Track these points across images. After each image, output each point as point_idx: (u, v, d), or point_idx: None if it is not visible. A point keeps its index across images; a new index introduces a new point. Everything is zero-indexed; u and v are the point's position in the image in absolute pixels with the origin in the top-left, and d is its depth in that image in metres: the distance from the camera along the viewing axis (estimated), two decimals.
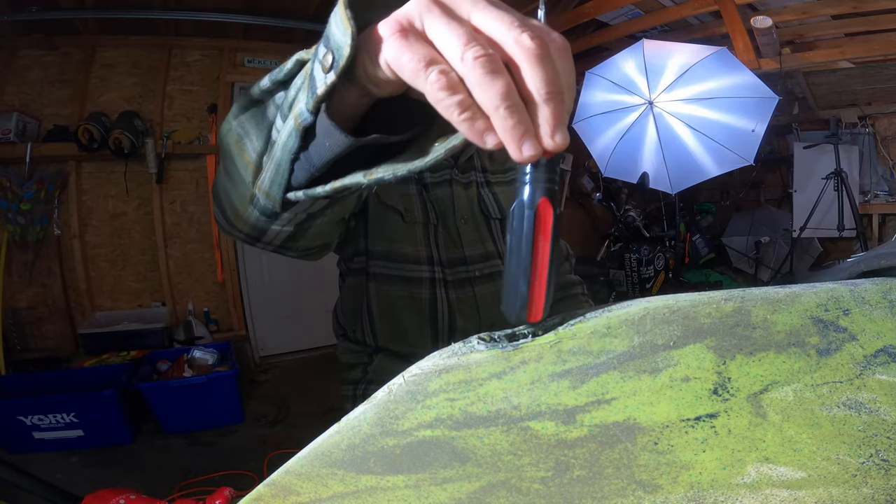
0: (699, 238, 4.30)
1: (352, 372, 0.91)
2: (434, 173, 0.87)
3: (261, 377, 3.27)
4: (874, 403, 0.29)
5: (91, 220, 3.10)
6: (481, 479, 0.27)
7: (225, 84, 3.28)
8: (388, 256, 0.84)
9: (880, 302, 0.33)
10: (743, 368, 0.30)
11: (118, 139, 2.88)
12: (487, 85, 0.28)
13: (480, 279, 0.87)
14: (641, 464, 0.27)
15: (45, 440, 2.21)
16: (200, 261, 3.34)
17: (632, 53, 3.19)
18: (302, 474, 0.28)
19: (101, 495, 0.67)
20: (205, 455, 2.27)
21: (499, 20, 0.29)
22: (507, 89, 0.28)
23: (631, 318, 0.32)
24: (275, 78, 0.41)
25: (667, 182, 3.23)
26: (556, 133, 0.29)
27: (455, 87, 0.29)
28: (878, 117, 3.75)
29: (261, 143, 0.43)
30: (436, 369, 0.30)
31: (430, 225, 0.85)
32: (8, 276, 2.78)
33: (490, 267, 0.88)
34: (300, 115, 0.37)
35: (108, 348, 2.76)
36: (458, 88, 0.29)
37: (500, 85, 0.28)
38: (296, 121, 0.37)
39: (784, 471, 0.27)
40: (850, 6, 2.71)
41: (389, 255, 0.84)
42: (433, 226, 0.85)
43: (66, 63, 2.96)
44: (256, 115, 0.44)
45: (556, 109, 0.29)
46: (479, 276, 0.87)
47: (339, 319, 0.94)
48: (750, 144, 2.93)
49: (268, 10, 2.98)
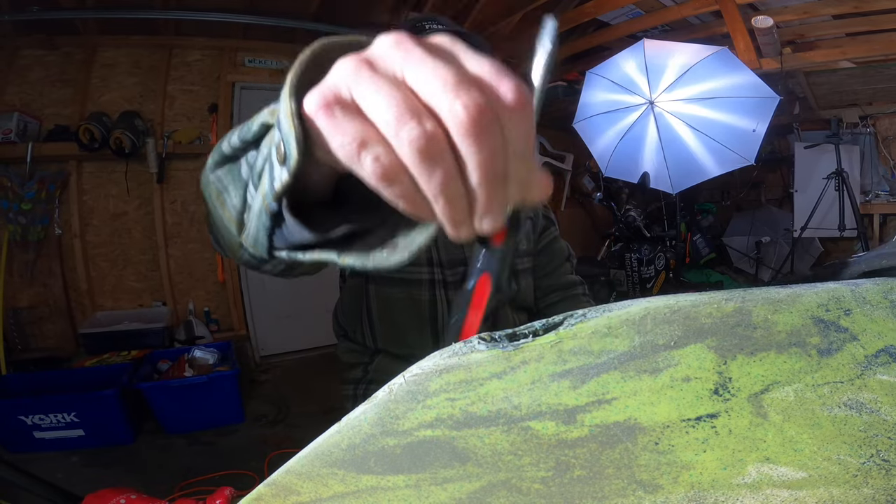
0: (700, 238, 4.30)
1: (352, 371, 0.91)
2: None
3: (261, 377, 3.27)
4: (875, 404, 0.29)
5: (92, 219, 3.10)
6: (482, 478, 0.27)
7: (226, 84, 3.28)
8: None
9: (881, 302, 0.33)
10: (744, 368, 0.30)
11: (119, 139, 2.88)
12: (426, 175, 0.25)
13: None
14: (642, 464, 0.27)
15: (45, 440, 2.21)
16: (201, 260, 3.34)
17: (632, 53, 3.19)
18: (302, 474, 0.28)
19: (101, 495, 0.67)
20: (205, 455, 2.27)
21: (432, 80, 0.25)
22: (445, 180, 0.25)
23: (632, 318, 0.32)
24: (244, 137, 0.39)
25: (667, 182, 3.24)
26: (486, 219, 0.27)
27: (392, 176, 0.26)
28: (878, 117, 3.75)
29: (239, 201, 0.42)
30: (436, 369, 0.30)
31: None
32: (9, 275, 2.78)
33: None
34: (266, 198, 0.35)
35: (108, 348, 2.77)
36: (395, 177, 0.26)
37: (438, 175, 0.25)
38: (263, 201, 0.35)
39: (785, 471, 0.27)
40: (851, 6, 2.71)
41: None
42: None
43: (67, 63, 2.96)
44: (233, 171, 0.42)
45: (488, 196, 0.26)
46: None
47: (339, 320, 0.94)
48: (751, 144, 2.93)
49: (268, 9, 2.98)
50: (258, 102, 0.40)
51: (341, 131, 0.26)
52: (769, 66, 3.13)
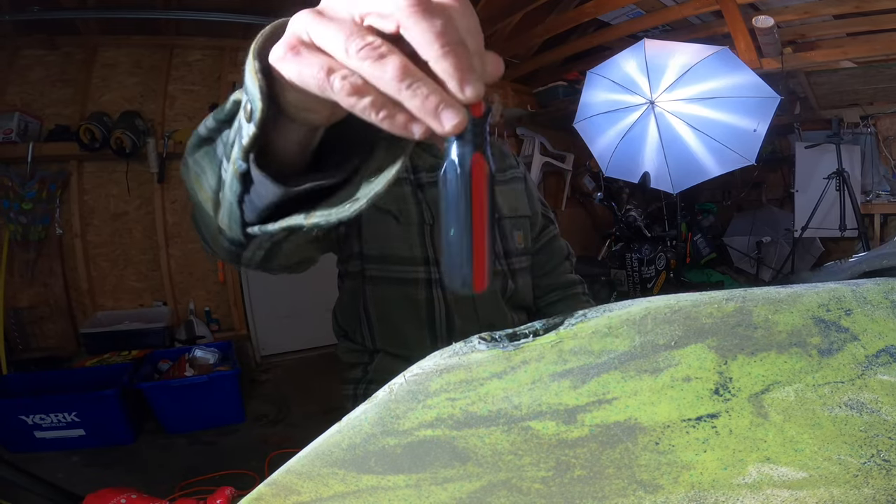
0: (700, 238, 4.29)
1: (352, 371, 0.91)
2: (430, 173, 0.87)
3: (262, 377, 3.27)
4: (876, 404, 0.29)
5: (92, 219, 3.10)
6: (482, 478, 0.27)
7: (226, 84, 3.28)
8: (383, 259, 0.84)
9: (882, 302, 0.33)
10: (744, 368, 0.30)
11: (120, 139, 2.88)
12: (379, 73, 0.26)
13: None
14: (642, 464, 0.27)
15: (46, 439, 2.21)
16: (202, 260, 3.34)
17: (633, 53, 3.19)
18: (303, 474, 0.28)
19: (102, 495, 0.68)
20: (206, 454, 2.27)
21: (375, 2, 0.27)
22: (398, 68, 0.26)
23: (632, 318, 0.32)
24: (218, 117, 0.41)
25: (668, 182, 3.23)
26: (465, 86, 0.26)
27: (361, 90, 0.27)
28: (879, 117, 3.75)
29: (214, 180, 0.43)
30: (437, 369, 0.30)
31: (425, 225, 0.84)
32: (9, 275, 2.78)
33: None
34: (236, 161, 0.36)
35: (109, 348, 2.77)
36: (364, 90, 0.27)
37: (390, 67, 0.26)
38: (234, 166, 0.37)
39: (785, 471, 0.27)
40: (852, 6, 2.71)
41: (384, 258, 0.84)
42: (428, 226, 0.84)
43: (68, 63, 2.96)
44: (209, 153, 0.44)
45: (456, 61, 0.26)
46: None
47: (338, 320, 0.94)
48: (751, 144, 2.93)
49: (268, 9, 2.98)
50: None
51: (308, 64, 0.28)
52: (770, 65, 3.13)
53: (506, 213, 0.93)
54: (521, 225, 0.95)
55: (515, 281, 0.91)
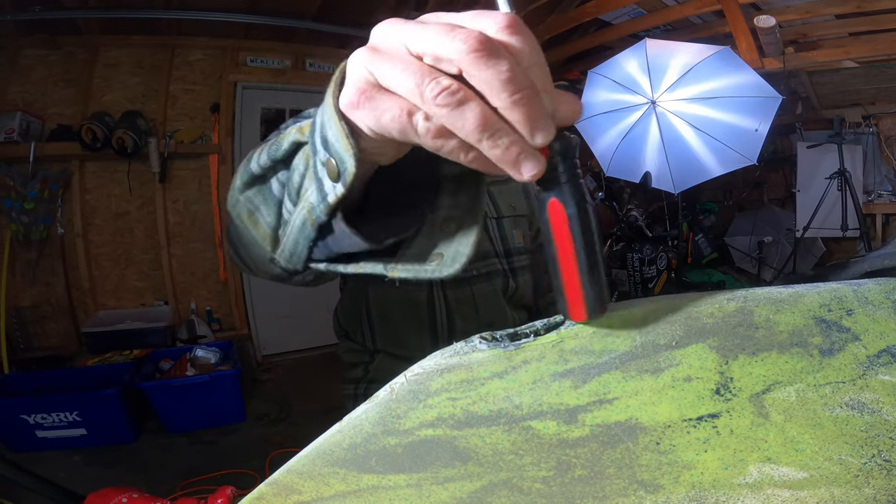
0: (702, 238, 4.29)
1: (353, 371, 0.91)
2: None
3: (263, 376, 3.27)
4: (877, 404, 0.28)
5: (94, 219, 3.11)
6: (483, 478, 0.27)
7: (227, 83, 3.28)
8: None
9: (883, 302, 0.33)
10: (745, 368, 0.30)
11: (121, 139, 2.88)
12: (459, 123, 0.26)
13: (478, 278, 0.87)
14: (643, 464, 0.27)
15: (48, 439, 2.21)
16: (203, 260, 3.35)
17: (634, 53, 3.18)
18: (304, 473, 0.28)
19: (103, 494, 0.68)
20: (207, 454, 2.27)
21: (428, 39, 0.26)
22: (479, 117, 0.25)
23: (633, 318, 0.32)
24: (273, 157, 0.40)
25: (669, 182, 3.23)
26: (536, 133, 0.26)
27: (446, 132, 0.26)
28: (881, 117, 3.74)
29: (273, 218, 0.43)
30: (438, 368, 0.30)
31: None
32: (11, 275, 2.79)
33: (488, 266, 0.87)
34: (313, 212, 0.36)
35: (110, 347, 2.77)
36: (445, 132, 0.27)
37: (471, 116, 0.25)
38: (309, 215, 0.36)
39: (786, 471, 0.27)
40: (854, 5, 2.71)
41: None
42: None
43: (70, 63, 2.97)
44: (264, 191, 0.43)
45: (527, 110, 0.26)
46: (476, 274, 0.86)
47: (339, 320, 0.94)
48: (753, 144, 2.92)
49: (270, 9, 2.99)
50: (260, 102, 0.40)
51: (386, 109, 0.27)
52: (771, 65, 3.12)
53: (505, 212, 0.93)
54: (520, 223, 0.95)
55: (516, 280, 0.91)
